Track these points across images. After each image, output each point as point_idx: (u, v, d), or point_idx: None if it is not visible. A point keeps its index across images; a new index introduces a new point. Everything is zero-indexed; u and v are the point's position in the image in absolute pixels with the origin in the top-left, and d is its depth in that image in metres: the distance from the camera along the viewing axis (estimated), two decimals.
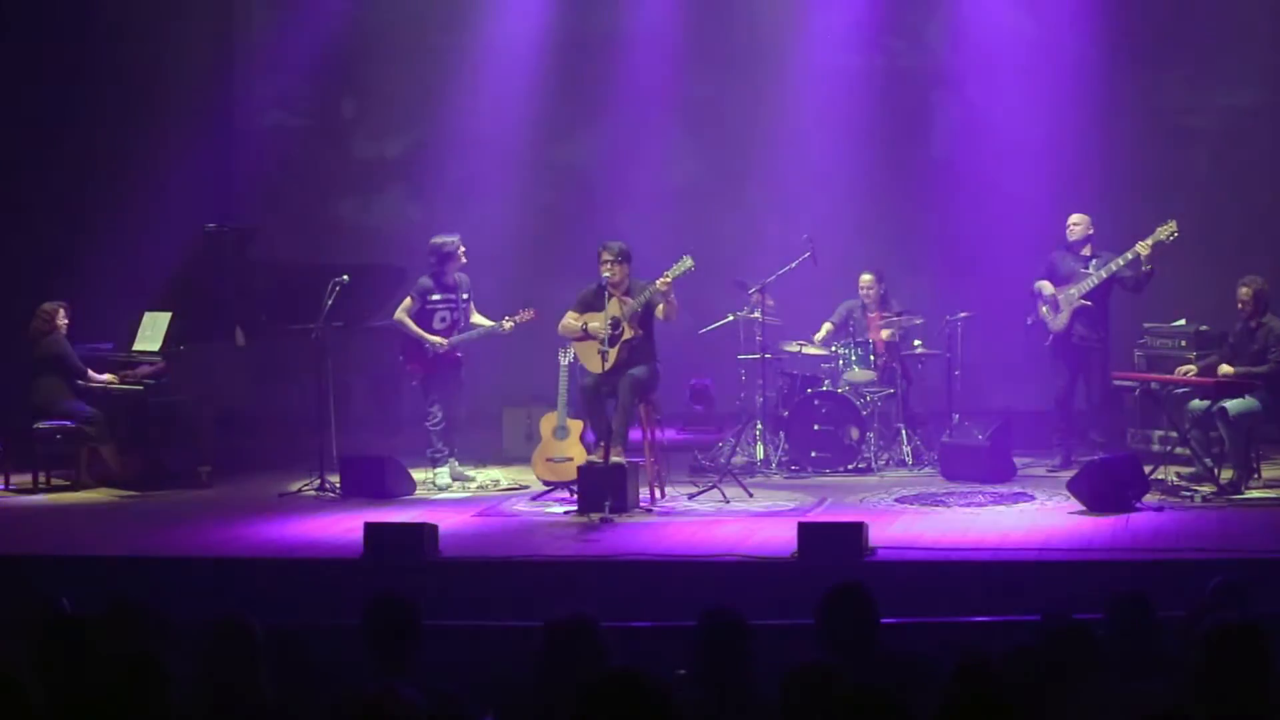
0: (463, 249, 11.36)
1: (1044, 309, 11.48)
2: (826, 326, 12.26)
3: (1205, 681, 4.43)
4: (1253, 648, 4.45)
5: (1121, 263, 11.22)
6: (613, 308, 10.62)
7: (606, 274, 10.63)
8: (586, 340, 10.70)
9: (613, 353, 10.57)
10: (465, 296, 11.41)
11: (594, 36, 14.39)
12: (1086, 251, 11.47)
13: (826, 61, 13.98)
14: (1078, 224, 11.52)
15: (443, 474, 11.35)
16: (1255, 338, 10.49)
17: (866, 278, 12.30)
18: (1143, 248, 11.06)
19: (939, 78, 13.97)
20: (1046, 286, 11.48)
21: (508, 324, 11.33)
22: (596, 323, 10.65)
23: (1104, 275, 11.27)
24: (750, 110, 14.21)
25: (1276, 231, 13.23)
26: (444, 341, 11.26)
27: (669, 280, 10.45)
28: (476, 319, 11.42)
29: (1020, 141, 13.66)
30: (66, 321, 11.66)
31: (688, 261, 10.64)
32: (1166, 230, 11.03)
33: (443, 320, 11.35)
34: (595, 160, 14.49)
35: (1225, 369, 10.50)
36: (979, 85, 13.81)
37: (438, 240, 11.41)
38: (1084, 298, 11.29)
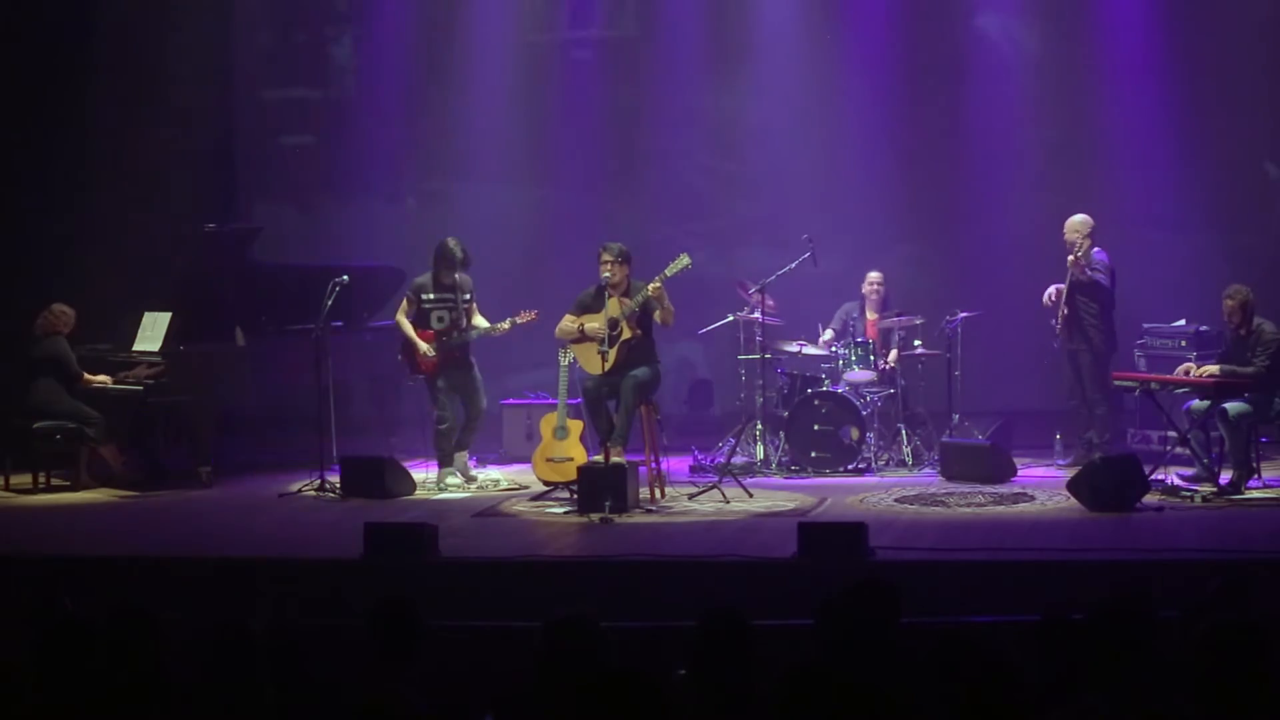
0: (461, 254, 11.29)
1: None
2: (827, 335, 12.27)
3: (1205, 681, 4.43)
4: (1253, 648, 4.44)
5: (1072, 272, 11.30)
6: (612, 308, 10.62)
7: (606, 275, 10.62)
8: (584, 342, 10.70)
9: (612, 353, 10.56)
10: (467, 297, 11.37)
11: (597, 35, 14.37)
12: (1078, 258, 11.42)
13: (831, 63, 13.98)
14: (1065, 229, 11.53)
15: (447, 474, 11.35)
16: (1248, 344, 10.49)
17: (874, 275, 12.33)
18: (1070, 260, 11.25)
19: (943, 79, 13.94)
20: (1050, 290, 11.51)
21: (506, 324, 11.31)
22: (595, 324, 10.65)
23: (1070, 283, 11.34)
24: (751, 110, 14.19)
25: (1274, 234, 13.25)
26: (429, 351, 11.23)
27: (659, 285, 10.44)
28: (478, 321, 11.40)
29: (1023, 141, 13.66)
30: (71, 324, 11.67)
31: (685, 259, 10.63)
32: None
33: (440, 320, 11.33)
34: (598, 159, 14.47)
35: (1210, 369, 10.53)
36: (984, 86, 13.79)
37: (441, 241, 11.39)
38: (1064, 304, 11.36)
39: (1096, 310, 11.42)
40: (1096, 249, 11.45)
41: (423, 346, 11.23)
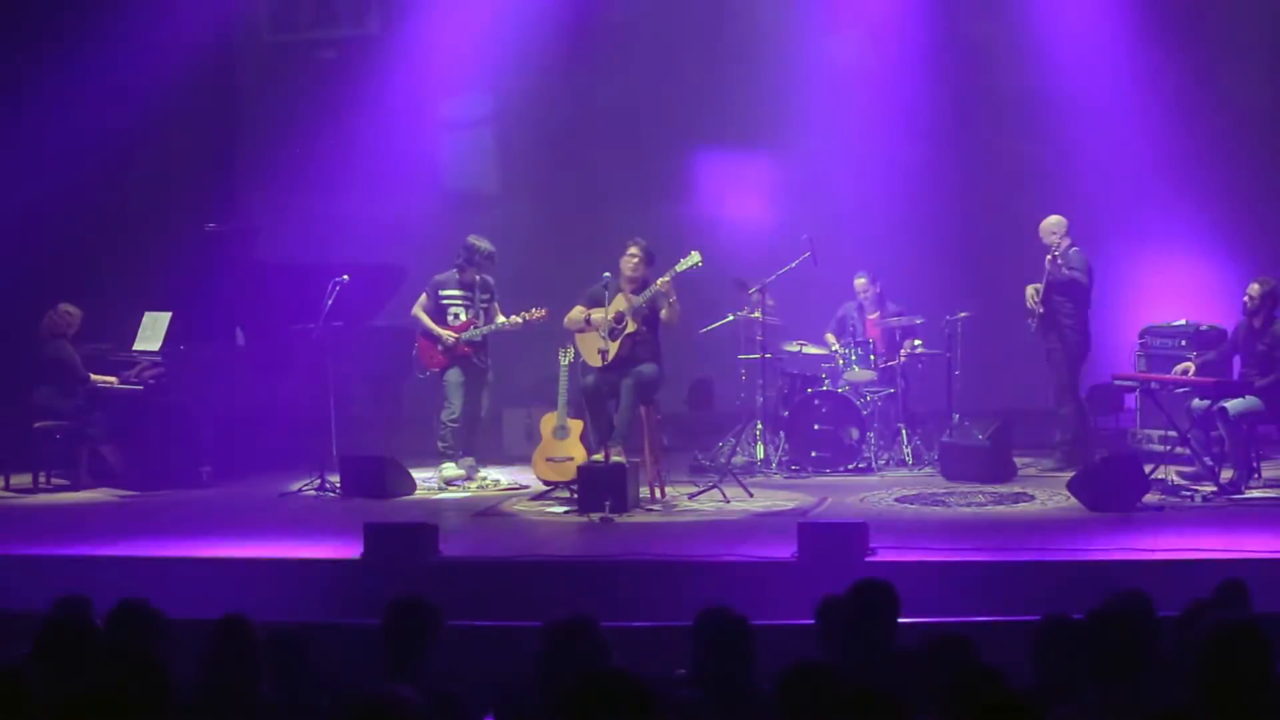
0: (491, 255, 11.32)
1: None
2: (830, 337, 12.29)
3: (1205, 681, 4.43)
4: (1253, 648, 4.44)
5: (1049, 270, 11.30)
6: (618, 302, 10.62)
7: (629, 269, 10.58)
8: (589, 331, 10.69)
9: (613, 346, 10.56)
10: (486, 297, 11.41)
11: (596, 28, 14.34)
12: (1056, 256, 11.40)
13: (831, 61, 13.97)
14: (1041, 232, 11.53)
15: (449, 468, 11.35)
16: (1261, 337, 10.49)
17: (860, 280, 12.38)
18: (1048, 259, 11.27)
19: (942, 77, 13.93)
20: (1029, 290, 11.49)
21: (516, 319, 11.31)
22: (601, 315, 10.65)
23: (1047, 281, 11.35)
24: (753, 108, 14.18)
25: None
26: (453, 335, 11.27)
27: (668, 280, 10.44)
28: (499, 320, 11.41)
29: (1023, 140, 13.65)
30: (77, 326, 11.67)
31: (695, 256, 10.59)
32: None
33: (456, 317, 11.38)
34: (599, 157, 14.46)
35: (1187, 365, 10.61)
36: (984, 84, 13.79)
37: (471, 240, 11.41)
38: (1040, 303, 11.37)
39: (1072, 309, 11.42)
40: (1074, 247, 11.44)
41: (445, 334, 11.25)
